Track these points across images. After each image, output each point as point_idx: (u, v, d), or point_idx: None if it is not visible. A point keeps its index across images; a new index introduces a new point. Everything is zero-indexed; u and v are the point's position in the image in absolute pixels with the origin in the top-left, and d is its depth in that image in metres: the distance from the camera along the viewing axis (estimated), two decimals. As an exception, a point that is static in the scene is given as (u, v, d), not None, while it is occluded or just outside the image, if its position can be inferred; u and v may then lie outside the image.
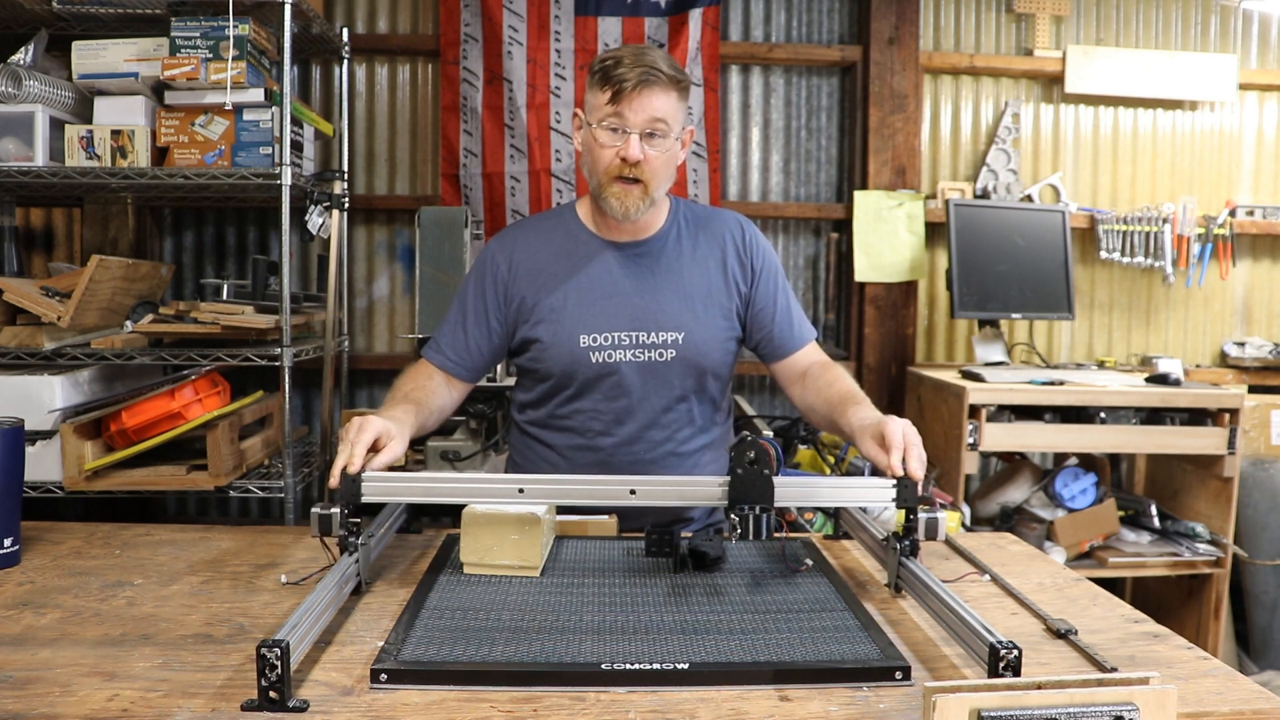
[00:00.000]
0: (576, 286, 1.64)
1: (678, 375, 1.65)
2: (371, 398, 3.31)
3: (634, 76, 1.51)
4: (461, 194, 3.21)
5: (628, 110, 1.52)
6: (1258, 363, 3.41)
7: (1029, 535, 2.76)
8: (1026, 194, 3.40)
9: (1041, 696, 0.82)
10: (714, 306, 1.66)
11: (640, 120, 1.53)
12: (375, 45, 3.26)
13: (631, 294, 1.64)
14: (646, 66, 1.51)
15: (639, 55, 1.53)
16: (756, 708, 0.95)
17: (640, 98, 1.52)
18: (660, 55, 1.55)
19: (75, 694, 0.96)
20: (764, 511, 1.20)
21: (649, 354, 1.63)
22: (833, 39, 3.40)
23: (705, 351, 1.65)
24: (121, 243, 2.88)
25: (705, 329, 1.65)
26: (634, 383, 1.63)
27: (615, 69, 1.52)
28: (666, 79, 1.53)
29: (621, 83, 1.51)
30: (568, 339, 1.62)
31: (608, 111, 1.53)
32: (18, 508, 1.40)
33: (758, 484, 1.21)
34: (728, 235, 1.71)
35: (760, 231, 1.76)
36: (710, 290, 1.66)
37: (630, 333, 1.63)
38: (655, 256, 1.66)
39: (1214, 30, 3.48)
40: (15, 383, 2.28)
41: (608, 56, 1.55)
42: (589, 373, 1.63)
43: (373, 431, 1.32)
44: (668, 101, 1.54)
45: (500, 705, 0.95)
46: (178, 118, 2.42)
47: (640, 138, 1.53)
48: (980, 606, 1.26)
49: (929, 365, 3.33)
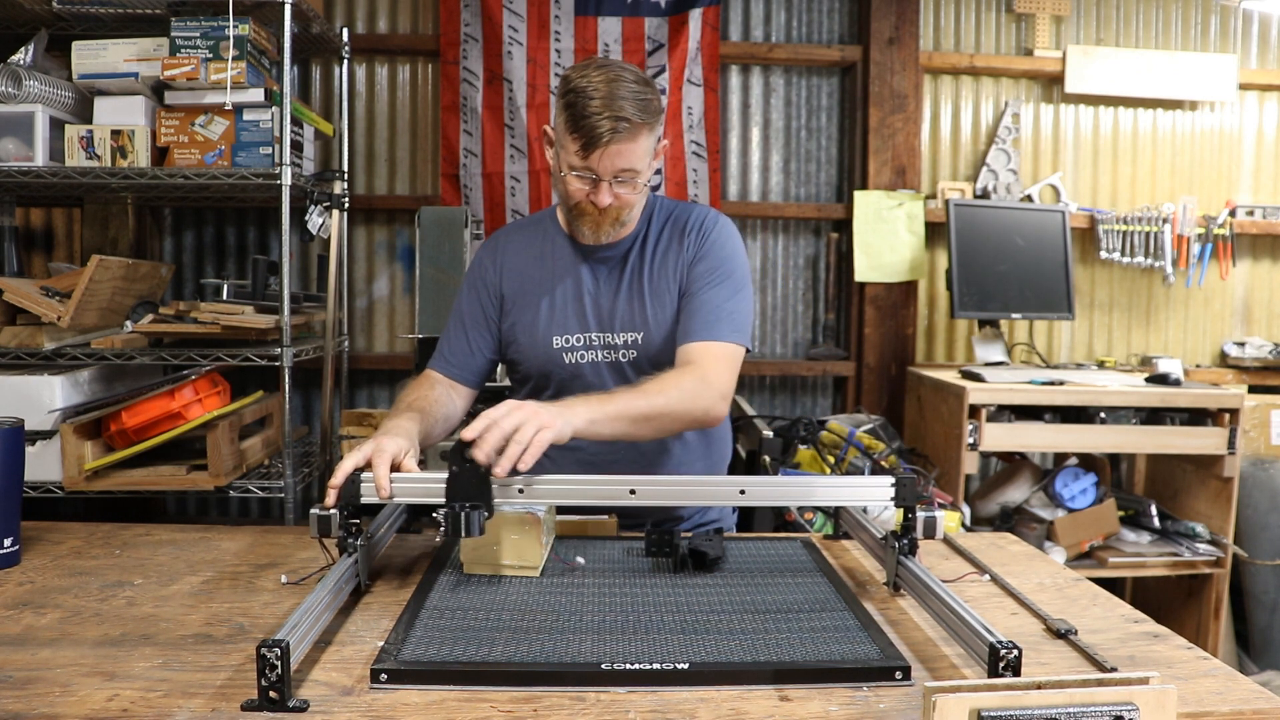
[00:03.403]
0: (550, 289, 1.67)
1: (642, 373, 1.64)
2: (371, 398, 3.31)
3: (605, 129, 1.46)
4: (461, 194, 3.21)
5: (598, 163, 1.50)
6: (1258, 363, 3.41)
7: (1029, 535, 2.76)
8: (1026, 194, 3.40)
9: (1041, 696, 0.82)
10: (670, 302, 1.65)
11: (610, 170, 1.51)
12: (375, 45, 3.26)
13: (597, 296, 1.66)
14: (616, 118, 1.46)
15: (609, 99, 1.46)
16: (756, 708, 0.95)
17: (610, 151, 1.49)
18: (630, 92, 1.48)
19: (75, 694, 0.96)
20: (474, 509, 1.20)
21: (614, 355, 1.65)
22: (833, 39, 3.40)
23: (664, 349, 1.64)
24: (121, 243, 2.88)
25: (661, 327, 1.64)
26: (604, 383, 1.64)
27: (585, 117, 1.46)
28: (637, 123, 1.48)
29: (593, 134, 1.47)
30: (542, 340, 1.66)
31: (578, 162, 1.51)
32: (18, 508, 1.40)
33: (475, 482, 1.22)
34: (688, 226, 1.68)
35: (732, 229, 1.70)
36: (667, 285, 1.66)
37: (597, 334, 1.66)
38: (621, 258, 1.68)
39: (1214, 30, 3.48)
40: (15, 383, 2.28)
41: (580, 91, 1.48)
42: (563, 374, 1.66)
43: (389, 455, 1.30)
44: (636, 148, 1.51)
45: (500, 705, 0.95)
46: (178, 118, 2.42)
47: (611, 183, 1.53)
48: (980, 606, 1.26)
49: (929, 365, 3.33)
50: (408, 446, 1.36)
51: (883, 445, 2.80)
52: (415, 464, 1.35)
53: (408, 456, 1.34)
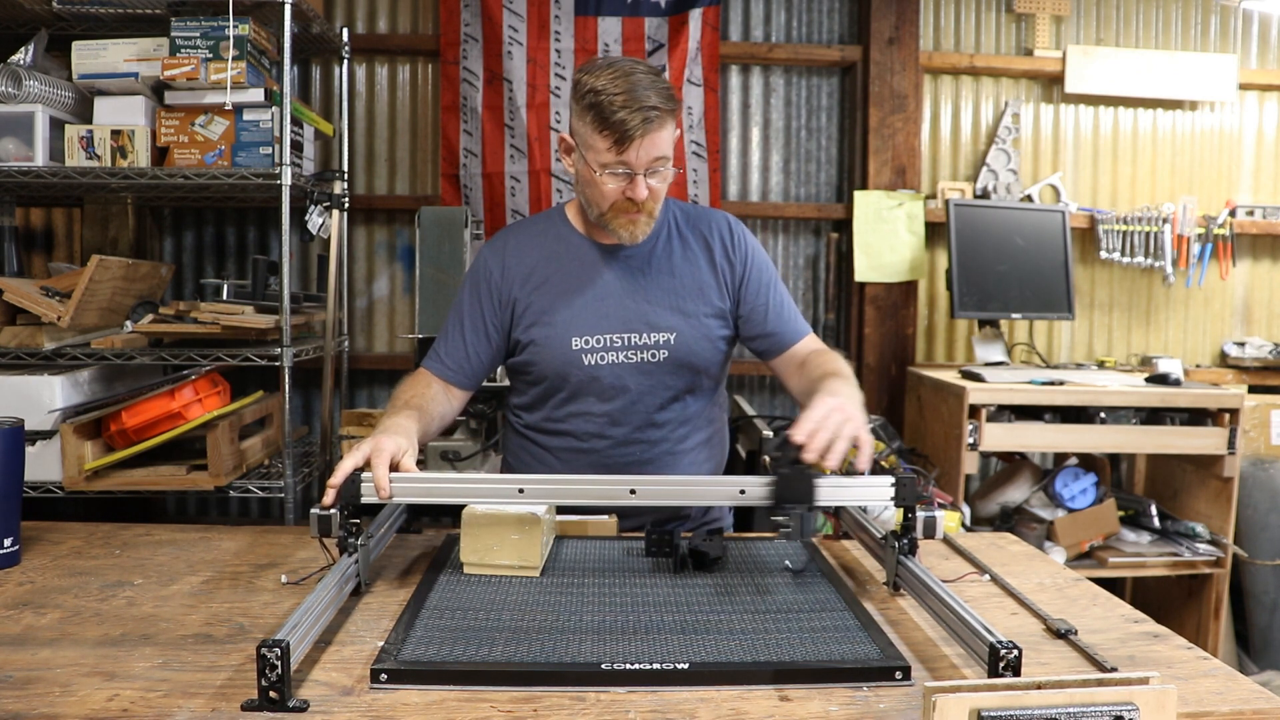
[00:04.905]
0: (567, 289, 1.65)
1: (670, 376, 1.65)
2: (371, 397, 3.31)
3: (636, 121, 1.46)
4: (461, 194, 3.21)
5: (633, 156, 1.49)
6: (1258, 363, 3.41)
7: (1029, 535, 2.76)
8: (1026, 194, 3.40)
9: (1041, 696, 0.82)
10: (705, 306, 1.66)
11: (645, 161, 1.51)
12: (375, 45, 3.26)
13: (622, 296, 1.64)
14: (644, 108, 1.46)
15: (632, 92, 1.46)
16: (756, 708, 0.95)
17: (644, 143, 1.49)
18: (649, 82, 1.49)
19: (75, 694, 0.96)
20: (811, 510, 1.24)
21: (641, 355, 1.64)
22: (833, 39, 3.40)
23: (697, 351, 1.65)
24: (121, 243, 2.88)
25: (696, 329, 1.65)
26: (627, 385, 1.63)
27: (614, 114, 1.46)
28: (664, 111, 1.49)
29: (625, 129, 1.46)
30: (560, 342, 1.63)
31: (610, 159, 1.50)
32: (18, 508, 1.40)
33: (802, 483, 1.24)
34: (716, 234, 1.70)
35: (749, 230, 1.76)
36: (701, 289, 1.66)
37: (622, 334, 1.63)
38: (645, 258, 1.67)
39: (1214, 30, 3.48)
40: (15, 383, 2.28)
41: (600, 90, 1.47)
42: (582, 375, 1.64)
43: (388, 455, 1.30)
44: (665, 135, 1.51)
45: (500, 705, 0.95)
46: (178, 118, 2.42)
47: (644, 175, 1.52)
48: (980, 606, 1.26)
49: (929, 365, 3.33)
50: (407, 446, 1.35)
51: (883, 445, 2.80)
52: (414, 463, 1.35)
53: (407, 456, 1.34)
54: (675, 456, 1.68)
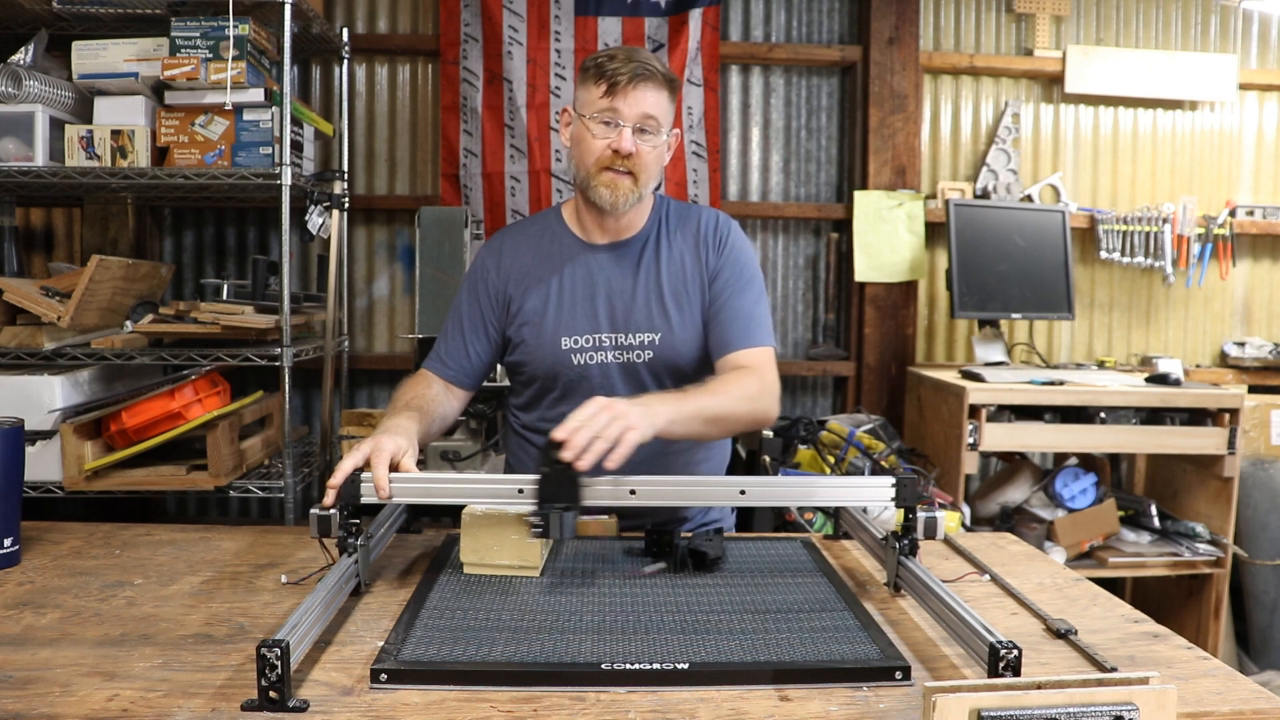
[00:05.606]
0: (558, 289, 1.66)
1: (657, 376, 1.65)
2: (371, 397, 3.31)
3: (628, 71, 1.54)
4: (461, 194, 3.21)
5: (621, 104, 1.55)
6: (1258, 363, 3.41)
7: (1029, 535, 2.76)
8: (1026, 194, 3.40)
9: (1041, 696, 0.82)
10: (690, 305, 1.66)
11: (633, 114, 1.56)
12: (375, 45, 3.26)
13: (610, 295, 1.65)
14: (640, 63, 1.56)
15: (632, 53, 1.57)
16: (756, 708, 0.95)
17: (634, 92, 1.55)
18: (652, 55, 1.60)
19: (75, 694, 0.96)
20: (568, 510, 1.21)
21: (627, 355, 1.64)
22: (833, 39, 3.40)
23: (681, 351, 1.64)
24: (121, 243, 2.88)
25: (681, 329, 1.64)
26: (616, 384, 1.64)
27: (609, 64, 1.55)
28: (660, 76, 1.57)
29: (616, 77, 1.54)
30: (550, 341, 1.64)
31: (602, 105, 1.56)
32: (18, 508, 1.40)
33: (566, 482, 1.23)
34: (703, 230, 1.70)
35: (742, 233, 1.73)
36: (686, 289, 1.66)
37: (610, 334, 1.64)
38: (634, 257, 1.67)
39: (1214, 30, 3.48)
40: (15, 383, 2.28)
41: (600, 55, 1.59)
42: (572, 375, 1.64)
43: (387, 455, 1.30)
44: (659, 99, 1.58)
45: (500, 705, 0.95)
46: (178, 118, 2.42)
47: (633, 131, 1.56)
48: (980, 606, 1.26)
49: (929, 365, 3.33)
50: (407, 446, 1.36)
51: (883, 445, 2.80)
52: (414, 464, 1.35)
53: (406, 456, 1.34)
54: (669, 457, 1.68)
